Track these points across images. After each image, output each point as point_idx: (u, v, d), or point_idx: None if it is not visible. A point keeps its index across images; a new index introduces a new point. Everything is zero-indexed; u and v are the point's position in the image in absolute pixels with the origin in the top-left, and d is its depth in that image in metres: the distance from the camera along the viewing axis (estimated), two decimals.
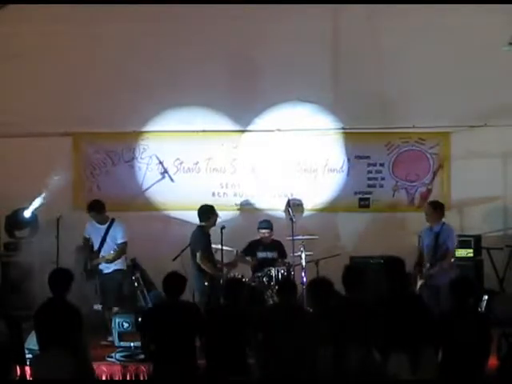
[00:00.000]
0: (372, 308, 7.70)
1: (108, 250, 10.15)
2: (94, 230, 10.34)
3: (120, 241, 10.22)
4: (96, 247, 10.25)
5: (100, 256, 10.19)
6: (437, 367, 7.37)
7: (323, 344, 7.49)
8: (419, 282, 9.73)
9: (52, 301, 7.85)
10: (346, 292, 7.90)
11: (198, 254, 10.16)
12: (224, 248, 10.30)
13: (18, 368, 7.50)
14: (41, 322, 7.71)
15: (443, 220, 9.99)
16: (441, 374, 7.33)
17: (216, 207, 10.83)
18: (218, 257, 10.40)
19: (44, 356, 7.59)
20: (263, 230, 10.95)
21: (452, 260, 9.94)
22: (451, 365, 7.30)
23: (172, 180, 12.29)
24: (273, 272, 10.42)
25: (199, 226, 10.42)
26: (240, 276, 10.24)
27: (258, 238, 11.04)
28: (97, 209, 10.30)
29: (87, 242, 10.38)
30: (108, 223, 10.24)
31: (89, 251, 10.29)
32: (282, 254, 10.94)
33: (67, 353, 7.39)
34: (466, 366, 7.27)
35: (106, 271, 10.20)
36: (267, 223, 11.02)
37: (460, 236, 11.09)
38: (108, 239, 10.20)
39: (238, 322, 7.68)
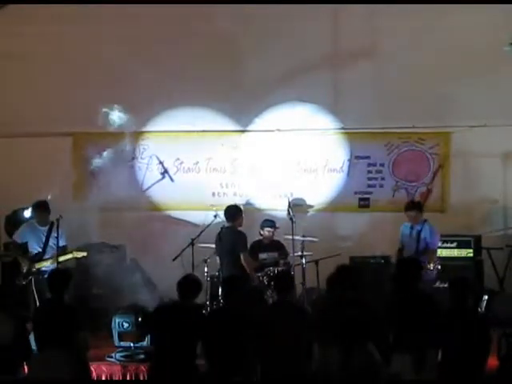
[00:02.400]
0: (372, 308, 7.71)
1: (51, 253, 9.93)
2: (32, 234, 10.07)
3: (63, 244, 9.99)
4: (37, 250, 10.01)
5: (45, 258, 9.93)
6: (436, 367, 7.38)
7: (323, 343, 7.50)
8: None
9: (50, 301, 7.87)
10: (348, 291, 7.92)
11: (242, 255, 10.10)
12: None
13: (25, 365, 7.55)
14: (39, 322, 7.73)
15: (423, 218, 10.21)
16: (440, 375, 7.33)
17: (216, 207, 10.86)
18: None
19: (41, 356, 7.59)
20: (268, 229, 10.93)
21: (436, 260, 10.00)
22: (450, 365, 7.30)
23: (172, 180, 12.30)
24: (273, 272, 10.42)
25: (231, 227, 10.31)
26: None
27: (259, 238, 11.03)
28: (44, 208, 10.10)
29: (21, 248, 10.06)
30: (49, 226, 9.99)
31: (27, 256, 10.01)
32: (283, 253, 10.94)
33: (64, 353, 7.39)
34: (465, 366, 7.26)
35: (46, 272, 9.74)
36: (271, 222, 11.03)
37: (460, 236, 11.12)
38: (50, 242, 9.94)
39: (238, 322, 7.68)
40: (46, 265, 9.90)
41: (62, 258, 9.92)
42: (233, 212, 10.44)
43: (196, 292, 7.88)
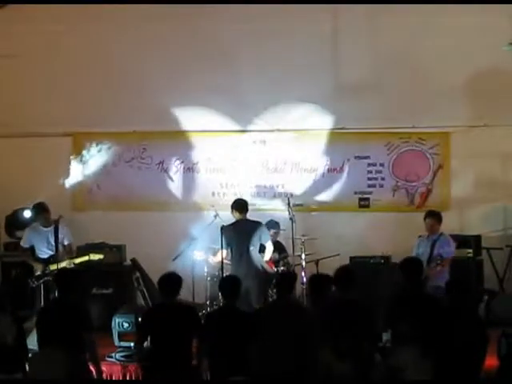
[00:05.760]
0: (368, 308, 7.74)
1: (61, 253, 9.93)
2: (37, 236, 10.07)
3: (68, 242, 10.03)
4: (45, 252, 10.00)
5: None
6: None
7: (321, 343, 7.51)
8: None
9: (56, 300, 7.88)
10: (340, 292, 7.94)
11: (268, 244, 10.17)
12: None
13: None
14: (43, 321, 7.73)
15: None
16: (437, 375, 7.31)
17: (216, 207, 10.86)
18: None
19: (41, 355, 7.59)
20: (274, 230, 10.88)
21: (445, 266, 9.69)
22: (447, 365, 7.30)
23: (172, 180, 12.30)
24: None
25: (247, 219, 10.24)
26: None
27: None
28: (43, 209, 10.09)
29: (29, 252, 10.13)
30: (53, 226, 9.89)
31: (36, 259, 10.04)
32: (284, 255, 10.92)
33: (64, 352, 7.39)
34: (462, 366, 7.26)
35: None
36: (277, 223, 11.01)
37: (460, 236, 11.10)
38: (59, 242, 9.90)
39: (238, 321, 7.68)
40: (61, 267, 9.76)
41: (77, 260, 9.93)
42: (245, 204, 10.33)
43: (178, 288, 7.88)
